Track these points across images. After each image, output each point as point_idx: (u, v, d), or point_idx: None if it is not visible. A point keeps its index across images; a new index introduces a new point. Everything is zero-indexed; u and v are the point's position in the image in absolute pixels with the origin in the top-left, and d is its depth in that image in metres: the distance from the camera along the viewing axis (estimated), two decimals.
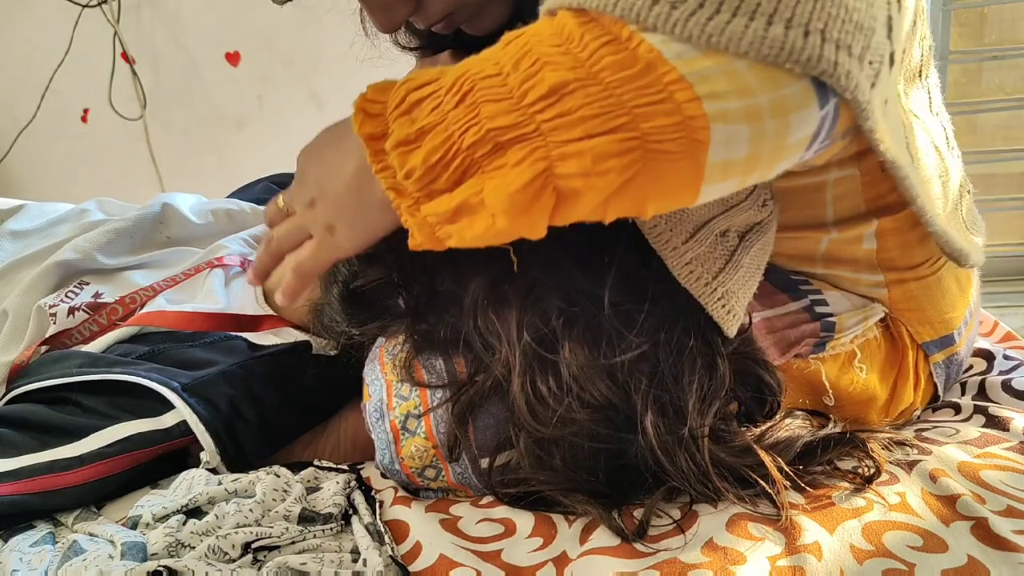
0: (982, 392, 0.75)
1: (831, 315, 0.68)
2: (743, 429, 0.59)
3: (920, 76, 0.65)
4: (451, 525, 0.57)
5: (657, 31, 0.39)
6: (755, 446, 0.56)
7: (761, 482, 0.54)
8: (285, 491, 0.59)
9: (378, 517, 0.58)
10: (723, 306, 0.55)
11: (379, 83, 0.48)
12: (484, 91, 0.41)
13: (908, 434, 0.66)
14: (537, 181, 0.40)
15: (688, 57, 0.38)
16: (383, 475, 0.66)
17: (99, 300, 0.78)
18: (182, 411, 0.63)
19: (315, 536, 0.55)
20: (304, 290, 0.55)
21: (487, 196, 0.41)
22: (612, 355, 0.54)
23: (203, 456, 0.63)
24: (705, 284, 0.54)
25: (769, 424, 0.60)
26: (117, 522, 0.58)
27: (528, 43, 0.42)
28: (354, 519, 0.57)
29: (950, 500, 0.53)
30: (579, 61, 0.39)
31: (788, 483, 0.55)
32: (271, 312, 0.79)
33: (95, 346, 0.73)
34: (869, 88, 0.41)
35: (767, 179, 0.43)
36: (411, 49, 0.81)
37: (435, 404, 0.59)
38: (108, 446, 0.61)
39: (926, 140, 0.62)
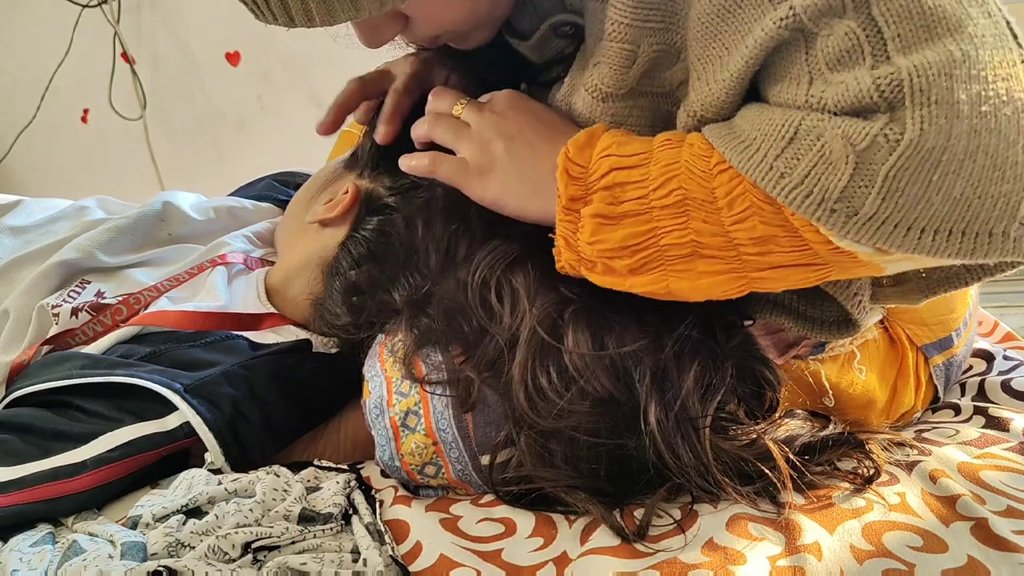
0: (981, 393, 0.75)
1: None
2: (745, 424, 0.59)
3: None
4: (451, 525, 0.57)
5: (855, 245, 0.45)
6: (763, 436, 0.57)
7: (768, 472, 0.54)
8: (285, 491, 0.58)
9: (378, 517, 0.58)
10: (860, 303, 0.59)
11: (578, 138, 0.54)
12: (696, 211, 0.48)
13: (908, 435, 0.66)
14: (735, 285, 0.50)
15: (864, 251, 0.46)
16: (383, 474, 0.66)
17: (102, 300, 0.78)
18: (185, 412, 0.63)
19: (315, 536, 0.55)
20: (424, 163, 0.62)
21: (672, 286, 0.51)
22: (615, 347, 0.55)
23: (207, 457, 0.63)
24: (860, 303, 0.59)
25: (768, 422, 0.60)
26: (117, 522, 0.58)
27: (744, 189, 0.47)
28: (354, 519, 0.57)
29: (950, 500, 0.53)
30: (785, 220, 0.46)
31: (794, 473, 0.55)
32: (272, 310, 0.79)
33: (96, 347, 0.72)
34: None
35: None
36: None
37: (434, 392, 0.60)
38: (111, 450, 0.61)
39: None
